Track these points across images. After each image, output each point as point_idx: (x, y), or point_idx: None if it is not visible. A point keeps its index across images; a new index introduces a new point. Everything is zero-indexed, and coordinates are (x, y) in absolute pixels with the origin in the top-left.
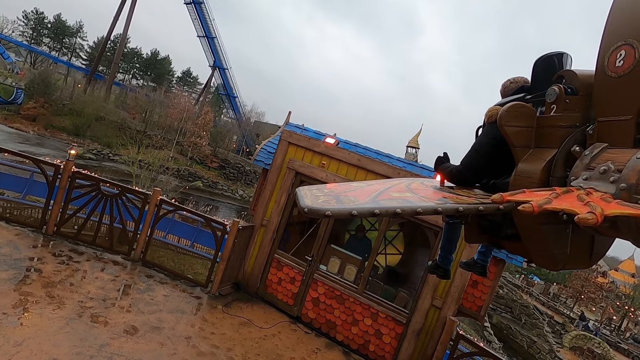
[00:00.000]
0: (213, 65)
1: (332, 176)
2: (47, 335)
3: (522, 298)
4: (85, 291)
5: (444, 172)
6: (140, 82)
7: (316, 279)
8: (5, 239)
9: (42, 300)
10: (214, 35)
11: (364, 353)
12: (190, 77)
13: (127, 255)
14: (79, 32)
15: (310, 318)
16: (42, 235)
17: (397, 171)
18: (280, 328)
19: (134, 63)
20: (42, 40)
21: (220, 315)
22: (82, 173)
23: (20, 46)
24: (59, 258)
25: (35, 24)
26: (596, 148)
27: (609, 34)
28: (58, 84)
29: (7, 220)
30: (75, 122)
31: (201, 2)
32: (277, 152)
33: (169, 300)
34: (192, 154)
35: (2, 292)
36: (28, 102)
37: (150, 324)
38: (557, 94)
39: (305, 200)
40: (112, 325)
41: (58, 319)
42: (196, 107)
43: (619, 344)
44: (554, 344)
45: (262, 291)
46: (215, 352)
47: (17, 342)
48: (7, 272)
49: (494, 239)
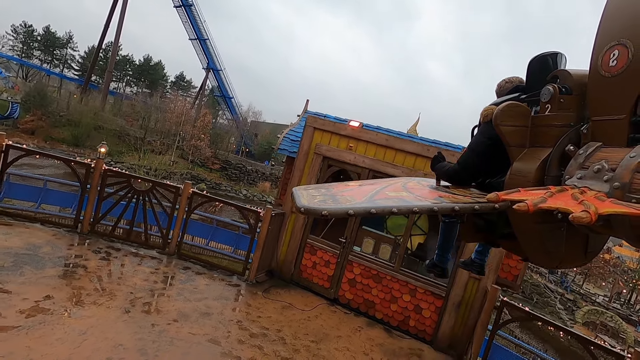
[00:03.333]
0: (207, 67)
1: (360, 158)
2: (108, 324)
3: (532, 278)
4: (132, 283)
5: (440, 171)
6: (135, 89)
7: (351, 260)
8: (43, 239)
9: (94, 293)
10: (206, 37)
11: (405, 329)
12: (183, 81)
13: (162, 250)
14: (69, 42)
15: (347, 299)
16: (77, 235)
17: (426, 148)
18: (321, 310)
19: (126, 70)
20: (33, 53)
21: (262, 300)
22: (113, 170)
23: (12, 60)
24: (99, 254)
25: (25, 37)
26: (590, 147)
27: (603, 33)
28: (53, 96)
29: (42, 222)
30: (74, 133)
31: (191, 4)
32: (303, 139)
33: (211, 289)
34: (193, 157)
35: (57, 287)
36: (25, 115)
37: (200, 310)
38: (551, 94)
39: (302, 200)
40: (165, 312)
41: (114, 309)
42: (193, 110)
43: (630, 316)
44: (567, 321)
45: (297, 276)
46: (266, 333)
47: (81, 331)
48: (55, 269)
49: (490, 237)
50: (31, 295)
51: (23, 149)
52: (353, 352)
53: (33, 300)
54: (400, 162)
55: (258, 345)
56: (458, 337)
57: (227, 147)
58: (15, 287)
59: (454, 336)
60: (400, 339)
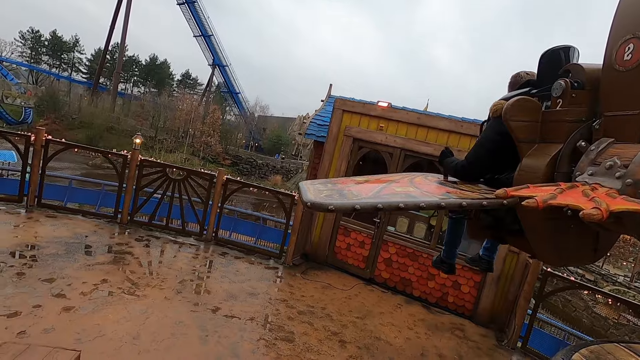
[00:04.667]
0: (212, 63)
1: (392, 137)
2: (164, 304)
3: None
4: (178, 267)
5: (449, 166)
6: (142, 89)
7: (386, 239)
8: (87, 229)
9: (145, 276)
10: (210, 33)
11: (443, 305)
12: (190, 79)
13: (200, 236)
14: (76, 46)
15: (384, 278)
16: (117, 225)
17: (459, 124)
18: (359, 289)
19: (133, 71)
20: (41, 58)
21: (301, 281)
22: (149, 160)
23: (22, 67)
24: (141, 242)
25: (33, 43)
26: (602, 143)
27: (617, 27)
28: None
29: (83, 213)
30: (87, 135)
31: (194, 1)
32: (332, 122)
33: (252, 271)
34: (205, 154)
35: (110, 272)
36: (39, 120)
37: (246, 290)
38: (563, 88)
39: (309, 195)
40: (214, 293)
41: (167, 290)
42: (201, 107)
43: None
44: (589, 301)
45: (332, 258)
46: (312, 311)
47: (142, 310)
48: (104, 255)
49: (498, 234)
50: (89, 279)
51: (62, 142)
52: (398, 327)
53: (92, 283)
54: (433, 139)
55: (307, 322)
56: (498, 311)
57: (236, 143)
58: (73, 272)
59: (494, 310)
60: (440, 314)
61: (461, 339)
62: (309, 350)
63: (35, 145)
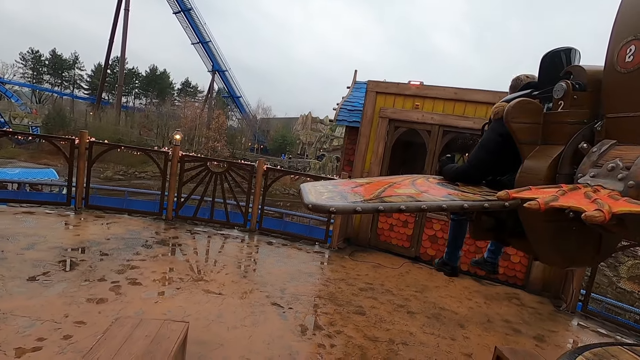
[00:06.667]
0: (212, 69)
1: (428, 115)
2: (234, 285)
3: None
4: (233, 254)
5: (450, 172)
6: (143, 100)
7: (430, 217)
8: (138, 226)
9: (205, 264)
10: (208, 40)
11: (494, 277)
12: (190, 87)
13: (244, 227)
14: (75, 63)
15: (430, 255)
16: (163, 221)
17: (497, 95)
18: (408, 267)
19: (134, 83)
20: (43, 77)
21: (352, 262)
22: (190, 155)
23: (25, 87)
24: (190, 235)
25: (34, 63)
26: (604, 145)
27: (619, 28)
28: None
29: (129, 212)
30: None
31: (190, 8)
32: (365, 105)
33: (302, 256)
34: None
35: (173, 262)
36: None
37: (304, 271)
38: (564, 90)
39: (310, 197)
40: (276, 275)
41: (232, 274)
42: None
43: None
44: (612, 277)
45: (375, 240)
46: (372, 287)
47: (216, 293)
48: (162, 248)
49: (500, 236)
50: (157, 269)
51: (106, 144)
52: (457, 298)
53: (160, 272)
54: (472, 113)
55: (372, 297)
56: (551, 279)
57: (242, 146)
58: (139, 263)
59: (546, 278)
60: (492, 286)
61: (519, 307)
62: (382, 321)
63: (80, 147)
